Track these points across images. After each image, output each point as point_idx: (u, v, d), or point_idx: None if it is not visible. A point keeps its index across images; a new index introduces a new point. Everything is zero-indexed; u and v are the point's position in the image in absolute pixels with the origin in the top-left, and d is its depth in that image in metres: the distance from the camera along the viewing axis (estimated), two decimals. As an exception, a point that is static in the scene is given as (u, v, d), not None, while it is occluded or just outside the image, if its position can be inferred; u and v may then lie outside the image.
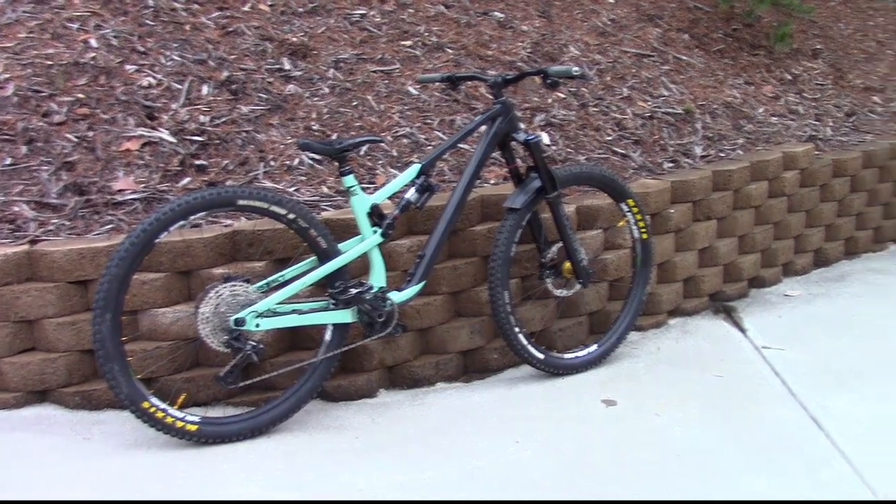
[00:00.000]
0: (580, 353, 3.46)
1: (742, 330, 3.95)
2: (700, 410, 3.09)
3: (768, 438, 2.87)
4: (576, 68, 3.11)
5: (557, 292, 3.43)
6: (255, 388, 2.98)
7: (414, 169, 3.04)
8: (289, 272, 2.87)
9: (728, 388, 3.30)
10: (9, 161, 3.36)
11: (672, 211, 4.00)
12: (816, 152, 5.00)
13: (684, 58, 5.48)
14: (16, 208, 3.20)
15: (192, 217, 2.66)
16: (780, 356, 3.60)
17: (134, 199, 3.31)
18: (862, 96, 6.09)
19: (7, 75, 3.71)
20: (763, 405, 3.14)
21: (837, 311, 4.21)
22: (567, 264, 3.39)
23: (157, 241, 2.62)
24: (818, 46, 6.51)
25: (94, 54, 3.88)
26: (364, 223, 2.93)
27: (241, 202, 2.70)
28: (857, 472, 2.64)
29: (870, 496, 2.50)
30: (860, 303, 4.33)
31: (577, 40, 5.15)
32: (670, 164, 4.37)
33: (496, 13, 5.12)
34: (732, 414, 3.06)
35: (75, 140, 3.50)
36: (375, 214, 2.95)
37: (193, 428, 2.72)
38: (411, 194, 3.02)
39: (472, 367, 3.45)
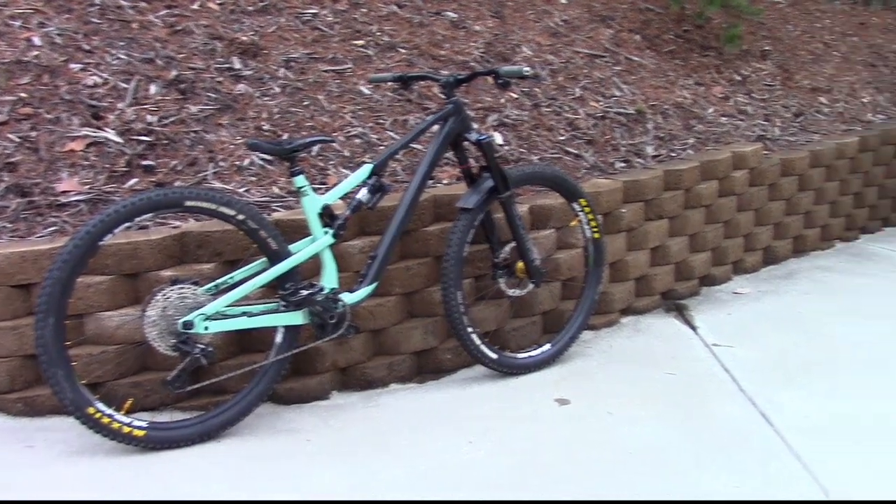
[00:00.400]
0: (533, 353, 3.46)
1: (693, 328, 3.99)
2: (652, 408, 3.11)
3: (718, 434, 2.90)
4: (527, 68, 3.11)
5: (511, 292, 3.43)
6: (204, 392, 2.94)
7: (365, 169, 3.01)
8: (238, 274, 2.83)
9: (679, 385, 3.33)
10: (-52, 162, 3.27)
11: (624, 210, 4.02)
12: (765, 152, 5.07)
13: (636, 58, 5.52)
14: (-45, 210, 3.11)
15: (138, 219, 2.61)
16: (730, 353, 3.64)
17: (79, 201, 3.24)
18: (809, 97, 6.20)
19: (-54, 74, 3.61)
20: (713, 402, 3.17)
21: (786, 308, 4.27)
22: (520, 264, 3.39)
23: (102, 243, 2.56)
24: (767, 48, 6.61)
25: (37, 52, 3.79)
26: (315, 224, 2.90)
27: (188, 203, 2.66)
28: (805, 466, 2.68)
29: (817, 489, 2.53)
30: (808, 300, 4.40)
31: (530, 41, 5.16)
32: (622, 164, 4.40)
33: (449, 13, 5.11)
34: (684, 411, 3.09)
35: (17, 140, 3.41)
36: (327, 215, 2.92)
37: (141, 433, 2.66)
38: (363, 195, 3.00)
39: (425, 368, 3.44)
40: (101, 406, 2.61)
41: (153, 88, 3.80)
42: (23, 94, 3.59)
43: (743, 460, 2.71)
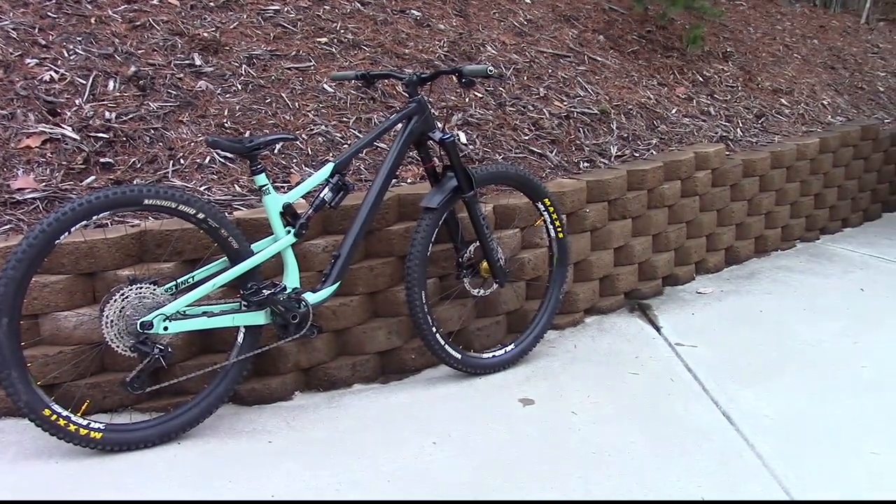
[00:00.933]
0: (497, 353, 3.45)
1: (657, 328, 4.00)
2: (616, 408, 3.11)
3: (681, 434, 2.91)
4: (491, 68, 3.10)
5: (475, 292, 3.42)
6: (164, 393, 2.89)
7: (328, 168, 2.98)
8: (199, 273, 2.78)
9: (643, 385, 3.33)
10: None
11: (588, 210, 4.03)
12: (727, 152, 5.11)
13: (600, 59, 5.54)
14: None
15: (95, 217, 2.56)
16: (692, 353, 3.66)
17: (34, 199, 3.17)
18: (770, 98, 6.26)
19: None
20: (676, 401, 3.19)
21: (747, 307, 4.31)
22: (484, 264, 3.38)
23: (58, 242, 2.50)
24: (729, 49, 6.67)
25: (-9, 46, 3.72)
26: (277, 223, 2.86)
27: (147, 202, 2.61)
28: (766, 464, 2.70)
29: (779, 489, 2.55)
30: (769, 299, 4.44)
31: (495, 40, 5.15)
32: (586, 164, 4.41)
33: (413, 11, 5.09)
34: (647, 411, 3.09)
35: (-29, 136, 3.33)
36: (289, 214, 2.88)
37: (98, 436, 2.61)
38: (325, 193, 2.96)
39: (389, 368, 3.41)
40: (57, 408, 2.56)
41: (112, 84, 3.74)
42: (-24, 89, 3.51)
43: (705, 460, 2.72)
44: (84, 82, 3.69)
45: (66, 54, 3.81)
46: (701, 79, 6.02)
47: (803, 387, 3.32)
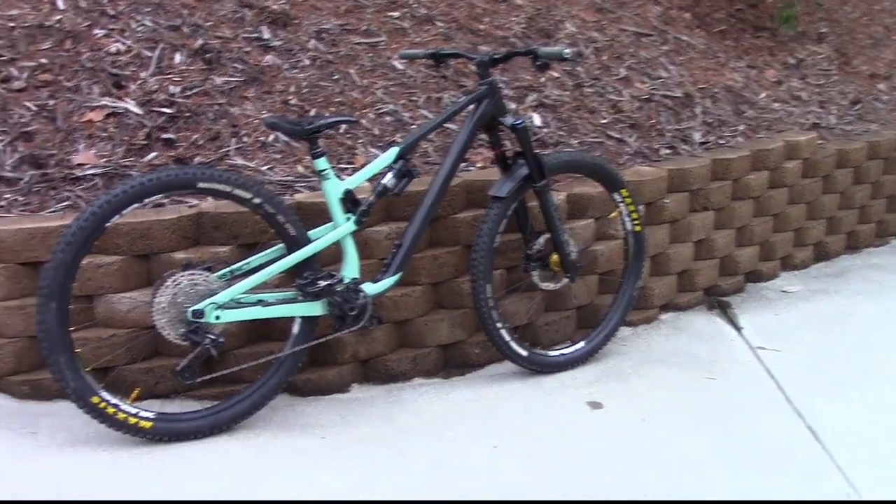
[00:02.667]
0: (566, 351, 3.27)
1: (737, 328, 3.76)
2: (689, 416, 2.91)
3: (760, 448, 2.69)
4: (567, 50, 2.86)
5: (544, 286, 3.24)
6: (218, 381, 2.79)
7: (392, 152, 2.82)
8: (254, 260, 2.67)
9: (720, 391, 3.12)
10: (-39, 130, 3.14)
11: (667, 200, 3.80)
12: (819, 141, 4.79)
13: (685, 38, 5.25)
14: (-34, 181, 2.98)
15: (148, 200, 2.45)
16: (775, 358, 3.42)
17: (94, 175, 3.09)
18: (867, 83, 5.88)
19: (-34, 37, 3.48)
20: (756, 411, 2.97)
21: (837, 309, 4.03)
22: (554, 256, 3.20)
23: (108, 224, 2.41)
24: (823, 30, 6.28)
25: (60, 17, 3.65)
26: (337, 209, 2.72)
27: (201, 185, 2.49)
28: (854, 487, 2.47)
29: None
30: (860, 301, 4.14)
31: (574, 16, 4.92)
32: (667, 151, 4.16)
33: (490, -15, 4.89)
34: (723, 420, 2.89)
35: (35, 109, 3.27)
36: (349, 200, 2.74)
37: (148, 425, 2.53)
38: (388, 179, 2.81)
39: (451, 362, 3.27)
40: (106, 395, 2.48)
41: (178, 57, 3.64)
42: (43, 60, 3.46)
43: (787, 479, 2.51)
44: (150, 55, 3.60)
45: (133, 25, 3.73)
46: (793, 61, 5.67)
47: (898, 401, 3.07)
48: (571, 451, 2.66)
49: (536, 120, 3.97)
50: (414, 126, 3.67)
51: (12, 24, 3.56)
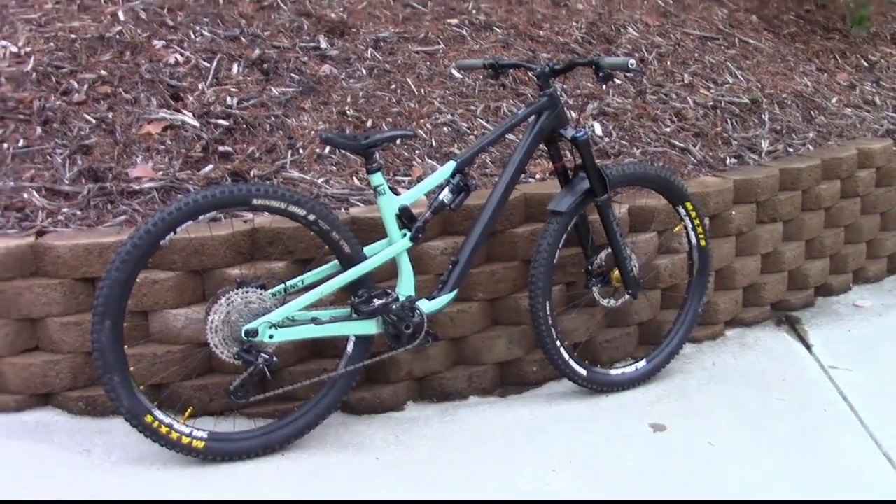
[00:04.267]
0: (627, 369, 3.17)
1: (807, 345, 3.61)
2: (758, 440, 2.79)
3: (833, 476, 2.57)
4: (632, 61, 2.74)
5: (604, 302, 3.13)
6: (272, 399, 2.75)
7: (449, 166, 2.75)
8: (308, 277, 2.62)
9: (791, 414, 2.98)
10: (22, 143, 3.16)
11: (734, 212, 3.66)
12: (895, 149, 4.59)
13: (752, 41, 5.09)
14: (25, 195, 3.00)
15: (202, 217, 2.42)
16: (848, 378, 3.27)
17: (151, 188, 3.08)
18: (945, 86, 5.63)
19: (28, 49, 3.52)
20: (830, 437, 2.83)
21: (914, 326, 3.85)
22: (616, 272, 3.09)
23: (163, 242, 2.39)
24: (898, 30, 6.05)
25: (120, 28, 3.68)
26: (392, 225, 2.67)
27: (256, 201, 2.46)
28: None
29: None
30: (940, 317, 3.96)
31: (637, 20, 4.80)
32: (734, 160, 4.02)
33: (550, -10, 4.80)
34: (794, 446, 2.75)
35: (94, 121, 3.29)
36: (405, 216, 2.67)
37: (200, 445, 2.50)
38: (445, 195, 2.74)
39: (508, 380, 3.19)
40: (159, 415, 2.46)
41: (235, 68, 3.64)
42: (103, 72, 3.47)
43: (863, 513, 2.38)
44: (208, 66, 3.60)
45: (192, 36, 3.74)
46: (866, 64, 5.46)
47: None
48: (632, 476, 2.56)
49: (597, 129, 3.87)
50: (471, 136, 3.60)
51: (73, 37, 3.59)
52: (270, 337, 2.49)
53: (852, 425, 2.92)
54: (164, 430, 2.45)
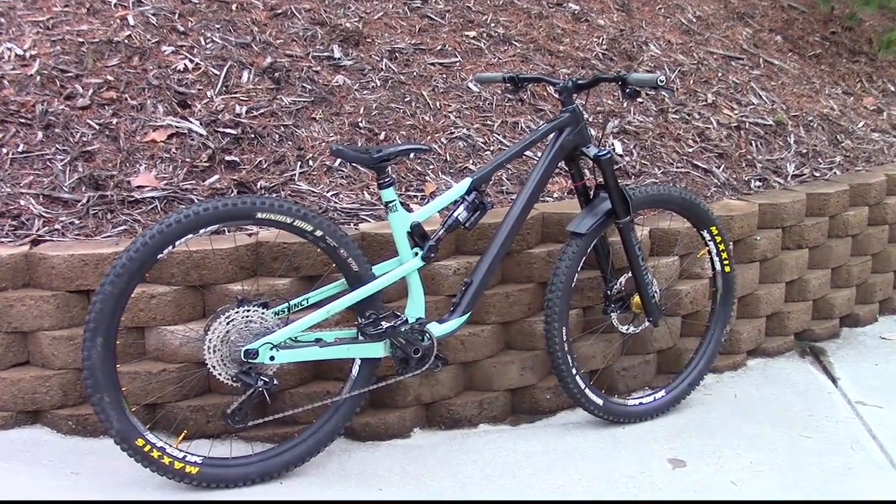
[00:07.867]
0: (645, 400, 3.02)
1: (833, 379, 3.45)
2: (784, 480, 2.64)
3: (867, 527, 2.41)
4: (661, 77, 2.59)
5: (623, 329, 2.99)
6: (271, 422, 2.61)
7: (465, 184, 2.62)
8: (313, 296, 2.49)
9: (816, 452, 2.83)
10: (21, 148, 3.05)
11: (758, 238, 3.51)
12: (924, 175, 4.44)
13: (777, 62, 4.95)
14: (22, 202, 2.88)
15: (203, 231, 2.29)
16: (878, 415, 3.11)
17: (153, 198, 2.96)
18: (974, 112, 5.48)
19: (34, 51, 3.40)
20: (859, 478, 2.68)
21: (943, 360, 3.69)
22: (636, 298, 2.95)
23: (161, 256, 2.26)
24: (926, 55, 5.90)
25: (129, 33, 3.56)
26: (403, 243, 2.53)
27: (260, 215, 2.33)
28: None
29: None
30: (970, 351, 3.79)
31: (659, 38, 4.66)
32: (758, 183, 3.87)
33: (571, 4, 4.67)
34: (822, 488, 2.60)
35: (97, 127, 3.17)
36: (417, 234, 2.54)
37: (194, 471, 2.36)
38: (460, 213, 2.60)
39: (520, 408, 3.04)
40: (151, 438, 2.32)
41: (245, 76, 3.52)
42: (109, 77, 3.36)
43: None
44: (218, 73, 3.48)
45: (202, 42, 3.62)
46: (893, 88, 5.32)
47: None
48: (652, 517, 2.41)
49: (618, 148, 3.73)
50: (487, 152, 3.47)
51: (81, 40, 3.48)
52: (271, 359, 2.35)
53: (882, 466, 2.77)
54: (155, 454, 2.32)
